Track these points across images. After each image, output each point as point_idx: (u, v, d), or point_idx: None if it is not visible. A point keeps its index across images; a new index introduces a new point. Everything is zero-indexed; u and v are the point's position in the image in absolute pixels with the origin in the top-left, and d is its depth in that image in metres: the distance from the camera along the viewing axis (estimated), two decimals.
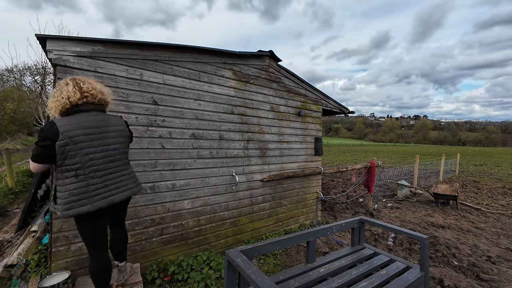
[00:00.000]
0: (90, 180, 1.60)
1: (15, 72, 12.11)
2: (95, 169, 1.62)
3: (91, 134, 1.61)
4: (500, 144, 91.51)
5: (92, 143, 1.61)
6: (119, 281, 2.03)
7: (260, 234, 3.72)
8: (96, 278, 1.76)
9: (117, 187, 1.73)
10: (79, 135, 1.56)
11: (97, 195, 1.61)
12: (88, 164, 1.59)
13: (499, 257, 3.45)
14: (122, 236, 2.04)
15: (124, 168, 1.82)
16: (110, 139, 1.72)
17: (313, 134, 4.47)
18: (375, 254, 2.33)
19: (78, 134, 1.56)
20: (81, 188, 1.57)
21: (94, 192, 1.60)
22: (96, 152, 1.63)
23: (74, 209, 1.54)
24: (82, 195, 1.57)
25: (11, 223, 4.25)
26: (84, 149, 1.58)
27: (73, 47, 2.14)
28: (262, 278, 1.29)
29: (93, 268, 1.75)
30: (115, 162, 1.74)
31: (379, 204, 6.16)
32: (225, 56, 3.16)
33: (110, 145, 1.71)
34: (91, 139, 1.61)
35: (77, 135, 1.55)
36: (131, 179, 1.86)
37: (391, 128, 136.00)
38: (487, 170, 12.91)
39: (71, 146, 1.53)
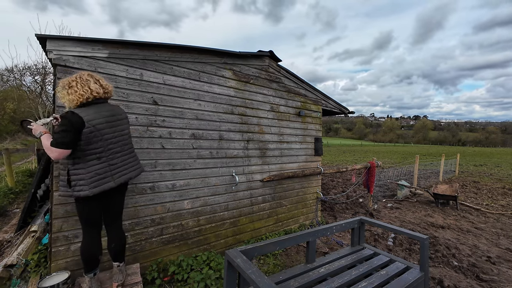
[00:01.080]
0: (111, 161, 1.86)
1: (15, 72, 12.10)
2: (114, 151, 1.88)
3: (110, 122, 1.86)
4: (500, 144, 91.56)
5: (111, 129, 1.86)
6: (119, 281, 2.05)
7: (260, 234, 3.72)
8: (86, 256, 1.88)
9: (131, 166, 2.03)
10: (102, 123, 1.79)
11: (117, 173, 1.89)
12: (109, 147, 1.85)
13: (499, 258, 3.45)
14: (120, 236, 2.09)
15: (132, 150, 2.10)
16: (123, 126, 1.99)
17: (313, 134, 4.47)
18: (375, 254, 2.33)
19: (101, 122, 1.79)
20: (104, 168, 1.82)
21: (115, 171, 1.87)
22: (114, 137, 1.88)
23: (100, 186, 1.77)
24: (106, 173, 1.82)
25: (11, 223, 4.25)
26: (106, 135, 1.82)
27: (73, 47, 2.14)
28: (262, 278, 1.29)
29: (85, 245, 1.88)
30: (127, 145, 2.02)
31: (379, 204, 6.16)
32: (225, 56, 3.16)
33: (123, 131, 1.98)
34: (110, 126, 1.86)
35: (101, 123, 1.79)
36: (137, 160, 2.15)
37: (391, 128, 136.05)
38: (487, 171, 12.91)
39: (95, 133, 1.75)
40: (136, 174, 2.07)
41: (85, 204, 1.84)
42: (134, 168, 2.06)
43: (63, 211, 2.13)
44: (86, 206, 1.84)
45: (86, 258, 1.89)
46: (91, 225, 1.90)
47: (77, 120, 1.67)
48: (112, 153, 1.87)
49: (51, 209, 2.10)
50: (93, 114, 1.76)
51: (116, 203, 2.06)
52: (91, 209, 1.86)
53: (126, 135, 2.02)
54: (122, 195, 2.10)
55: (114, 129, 1.89)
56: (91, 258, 1.89)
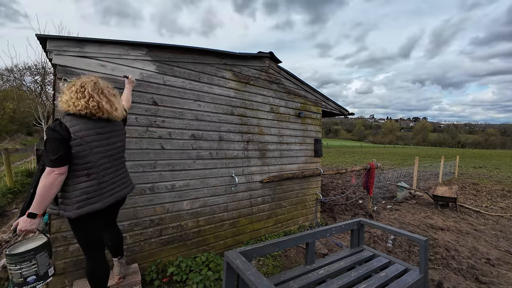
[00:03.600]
0: (102, 178, 1.62)
1: (15, 72, 12.10)
2: (105, 167, 1.65)
3: (101, 134, 1.62)
4: (499, 146, 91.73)
5: (101, 142, 1.62)
6: (121, 274, 2.08)
7: (259, 235, 3.72)
8: (95, 281, 1.74)
9: (122, 183, 1.80)
10: (92, 135, 1.56)
11: (107, 192, 1.65)
12: (100, 162, 1.61)
13: (498, 260, 3.44)
14: (117, 235, 2.07)
15: (124, 165, 1.89)
16: (115, 138, 1.74)
17: (313, 135, 4.47)
18: (374, 256, 2.32)
19: (90, 134, 1.55)
20: (93, 186, 1.58)
21: (104, 190, 1.63)
22: (105, 151, 1.65)
23: (85, 207, 1.54)
24: (94, 193, 1.58)
25: (10, 223, 4.24)
26: (96, 148, 1.58)
27: (74, 47, 2.14)
28: (261, 279, 1.29)
29: (91, 271, 1.72)
30: (119, 160, 1.79)
31: (378, 206, 6.16)
32: (225, 57, 3.16)
33: (116, 143, 1.74)
34: (101, 139, 1.62)
35: (90, 134, 1.55)
36: (128, 175, 1.94)
37: (390, 130, 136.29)
38: (486, 173, 12.92)
39: (83, 146, 1.52)
40: (128, 191, 1.86)
41: (81, 226, 1.61)
42: (126, 185, 1.84)
43: None
44: (83, 229, 1.63)
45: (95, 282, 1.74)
46: (91, 247, 1.69)
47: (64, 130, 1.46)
48: (103, 169, 1.63)
49: None
50: (81, 125, 1.53)
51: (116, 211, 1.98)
52: (90, 231, 1.65)
53: (118, 148, 1.77)
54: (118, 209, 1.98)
55: (107, 142, 1.66)
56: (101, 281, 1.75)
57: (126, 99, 2.16)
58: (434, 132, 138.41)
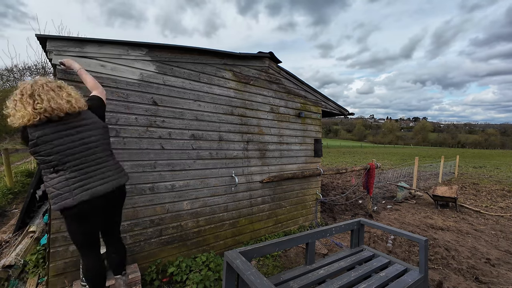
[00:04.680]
0: (68, 174, 1.60)
1: (15, 72, 12.11)
2: (73, 164, 1.62)
3: (59, 132, 1.59)
4: (499, 146, 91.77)
5: (63, 139, 1.59)
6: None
7: (259, 236, 3.71)
8: (88, 280, 1.77)
9: (99, 178, 1.70)
10: (48, 134, 1.55)
11: (77, 188, 1.61)
12: (64, 160, 1.60)
13: (498, 260, 3.44)
14: (119, 251, 1.96)
15: (106, 160, 1.78)
16: (86, 132, 1.69)
17: (313, 135, 4.47)
18: (374, 256, 2.33)
19: (47, 133, 1.55)
20: (61, 182, 1.59)
21: (73, 186, 1.60)
22: (70, 148, 1.61)
23: (58, 203, 1.57)
24: (63, 189, 1.59)
25: (10, 223, 4.24)
26: (56, 147, 1.57)
27: (73, 47, 2.14)
28: (261, 279, 1.29)
29: (84, 271, 1.77)
30: (95, 155, 1.72)
31: (378, 206, 6.16)
32: (225, 57, 3.16)
33: (86, 138, 1.68)
34: (61, 136, 1.59)
35: (46, 134, 1.54)
36: (115, 169, 1.82)
37: (390, 130, 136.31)
38: (486, 173, 12.92)
39: (41, 146, 1.54)
40: (108, 187, 1.71)
41: (66, 221, 1.67)
42: (107, 180, 1.73)
43: None
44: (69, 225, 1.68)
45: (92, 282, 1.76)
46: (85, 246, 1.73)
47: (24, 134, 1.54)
48: (70, 165, 1.61)
49: (50, 209, 2.10)
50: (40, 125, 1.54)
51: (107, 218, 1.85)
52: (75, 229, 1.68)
53: (93, 142, 1.71)
54: (113, 209, 1.87)
55: (70, 139, 1.61)
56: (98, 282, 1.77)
57: (91, 85, 1.91)
58: (434, 132, 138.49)
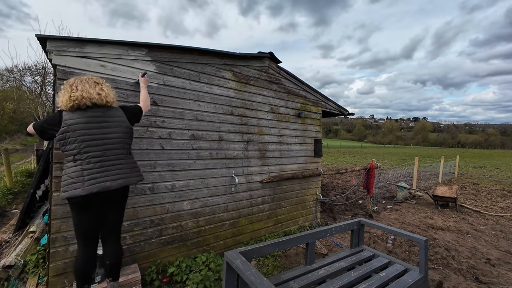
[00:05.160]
0: (85, 165, 1.69)
1: (15, 72, 12.11)
2: (91, 155, 1.71)
3: (91, 123, 1.72)
4: (499, 146, 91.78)
5: (90, 131, 1.71)
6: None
7: (260, 236, 3.71)
8: (74, 270, 1.82)
9: (112, 174, 1.76)
10: (80, 123, 1.69)
11: (90, 180, 1.67)
12: (85, 150, 1.69)
13: (498, 260, 3.44)
14: (116, 253, 1.95)
15: (123, 157, 1.86)
16: (109, 129, 1.80)
17: (313, 135, 4.47)
18: (374, 256, 2.33)
19: (79, 122, 1.69)
20: (77, 172, 1.68)
21: (87, 177, 1.67)
22: (92, 140, 1.72)
23: (68, 191, 1.64)
24: (77, 178, 1.66)
25: (10, 224, 4.24)
26: (81, 136, 1.69)
27: (73, 47, 2.14)
28: (261, 279, 1.29)
29: (76, 263, 1.82)
30: (114, 150, 1.80)
31: (378, 206, 6.16)
32: (225, 58, 3.16)
33: (110, 134, 1.79)
34: (90, 127, 1.71)
35: (78, 123, 1.69)
36: (130, 168, 1.88)
37: (390, 130, 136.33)
38: (486, 173, 12.92)
39: (70, 133, 1.67)
40: (118, 184, 1.76)
41: (72, 211, 1.74)
42: (119, 177, 1.78)
43: (62, 212, 2.12)
44: (73, 215, 1.75)
45: (76, 274, 1.80)
46: (81, 238, 1.79)
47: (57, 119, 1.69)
48: (88, 157, 1.69)
49: (50, 209, 2.10)
50: (73, 115, 1.70)
51: (108, 216, 1.86)
52: (78, 219, 1.74)
53: (114, 139, 1.81)
54: (116, 206, 1.89)
55: (96, 131, 1.73)
56: (81, 275, 1.80)
57: (143, 99, 2.24)
58: (434, 132, 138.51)
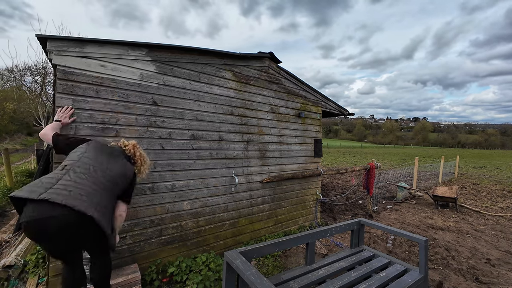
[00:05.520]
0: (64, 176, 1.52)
1: (15, 72, 12.11)
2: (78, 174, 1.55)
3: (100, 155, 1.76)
4: (499, 146, 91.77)
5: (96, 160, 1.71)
6: None
7: (260, 236, 3.71)
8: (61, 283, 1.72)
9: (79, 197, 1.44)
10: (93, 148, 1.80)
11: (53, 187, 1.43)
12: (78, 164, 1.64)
13: (498, 260, 3.44)
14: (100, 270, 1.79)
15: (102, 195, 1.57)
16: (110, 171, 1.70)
17: (313, 135, 4.47)
18: (374, 256, 2.33)
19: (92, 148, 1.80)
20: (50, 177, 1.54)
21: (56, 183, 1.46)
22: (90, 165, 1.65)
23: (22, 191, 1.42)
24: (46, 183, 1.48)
25: (10, 224, 4.24)
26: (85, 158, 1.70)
27: (74, 47, 2.14)
28: (261, 279, 1.29)
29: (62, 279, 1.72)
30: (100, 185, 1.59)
31: (378, 206, 6.16)
32: (225, 58, 3.16)
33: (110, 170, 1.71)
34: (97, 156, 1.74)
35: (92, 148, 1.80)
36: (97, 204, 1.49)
37: (390, 130, 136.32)
38: (486, 173, 12.92)
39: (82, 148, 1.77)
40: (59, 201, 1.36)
41: None
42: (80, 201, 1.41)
43: None
44: None
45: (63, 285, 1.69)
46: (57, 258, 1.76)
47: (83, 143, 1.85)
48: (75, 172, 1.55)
49: None
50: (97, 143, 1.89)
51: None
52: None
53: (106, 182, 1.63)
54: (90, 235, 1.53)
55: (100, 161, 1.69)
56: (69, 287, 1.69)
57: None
58: (434, 132, 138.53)
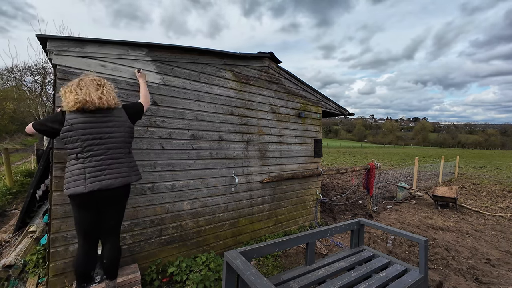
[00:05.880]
0: (87, 163, 1.74)
1: (16, 72, 12.11)
2: (93, 153, 1.75)
3: (93, 122, 1.76)
4: (499, 146, 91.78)
5: (92, 130, 1.76)
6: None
7: (259, 236, 3.71)
8: (74, 270, 1.86)
9: (113, 173, 1.80)
10: (81, 122, 1.73)
11: (91, 178, 1.72)
12: (87, 149, 1.74)
13: (498, 260, 3.44)
14: (114, 250, 1.96)
15: (123, 157, 1.90)
16: (111, 128, 1.83)
17: (313, 135, 4.47)
18: (374, 256, 2.33)
19: (81, 121, 1.73)
20: (80, 169, 1.72)
21: (88, 175, 1.72)
22: (95, 139, 1.76)
23: (70, 189, 1.69)
24: (79, 176, 1.71)
25: (10, 223, 4.24)
26: (84, 135, 1.73)
27: (74, 47, 2.14)
28: (261, 279, 1.29)
29: (76, 261, 1.86)
30: (114, 150, 1.84)
31: (378, 206, 6.16)
32: (226, 58, 3.16)
33: (111, 133, 1.83)
34: (92, 127, 1.76)
35: (80, 122, 1.73)
36: (130, 167, 1.93)
37: (390, 130, 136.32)
38: (486, 173, 12.92)
39: (73, 132, 1.72)
40: (119, 182, 1.82)
41: (73, 208, 1.80)
42: (120, 175, 1.83)
43: (62, 212, 2.12)
44: (74, 211, 1.80)
45: (76, 272, 1.84)
46: (81, 235, 1.84)
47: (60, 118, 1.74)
48: (90, 155, 1.74)
49: (50, 209, 2.10)
50: (75, 114, 1.74)
51: (109, 215, 1.90)
52: (79, 217, 1.80)
53: (115, 138, 1.85)
54: (117, 205, 1.93)
55: (98, 130, 1.77)
56: (81, 273, 1.84)
57: (143, 94, 2.25)
58: (434, 132, 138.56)
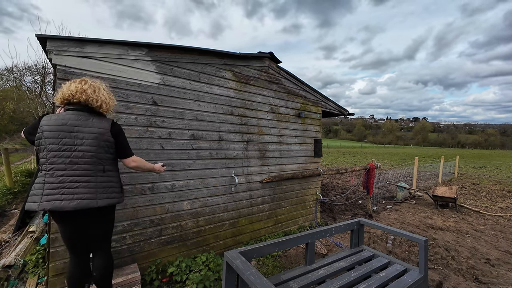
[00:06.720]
0: (47, 178, 1.54)
1: (15, 71, 12.10)
2: (55, 167, 1.54)
3: (62, 132, 1.55)
4: (499, 146, 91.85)
5: (60, 140, 1.55)
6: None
7: (259, 236, 3.71)
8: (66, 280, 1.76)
9: (70, 193, 1.53)
10: (52, 130, 1.55)
11: (47, 195, 1.51)
12: (51, 160, 1.54)
13: (498, 260, 3.44)
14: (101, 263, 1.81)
15: (92, 175, 1.61)
16: (81, 140, 1.58)
17: (313, 135, 4.47)
18: (374, 256, 2.33)
19: (52, 129, 1.55)
20: (39, 183, 1.55)
21: (46, 191, 1.52)
22: (60, 150, 1.54)
23: (27, 203, 1.54)
24: (37, 190, 1.54)
25: (9, 223, 4.23)
26: (50, 145, 1.54)
27: (73, 47, 2.14)
28: (261, 279, 1.29)
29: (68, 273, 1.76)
30: (81, 165, 1.58)
31: (378, 206, 6.16)
32: (225, 57, 3.16)
33: (79, 146, 1.58)
34: (60, 136, 1.55)
35: (50, 130, 1.55)
36: (99, 189, 1.62)
37: (390, 130, 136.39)
38: (486, 173, 12.92)
39: (42, 140, 1.56)
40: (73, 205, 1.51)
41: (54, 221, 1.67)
42: (75, 197, 1.53)
43: None
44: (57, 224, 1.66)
45: (68, 283, 1.73)
46: (68, 247, 1.73)
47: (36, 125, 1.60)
48: (52, 169, 1.53)
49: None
50: (50, 120, 1.57)
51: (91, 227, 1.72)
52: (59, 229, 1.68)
53: (83, 152, 1.58)
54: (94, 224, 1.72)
55: (66, 141, 1.55)
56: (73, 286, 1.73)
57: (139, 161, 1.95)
58: (434, 132, 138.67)
